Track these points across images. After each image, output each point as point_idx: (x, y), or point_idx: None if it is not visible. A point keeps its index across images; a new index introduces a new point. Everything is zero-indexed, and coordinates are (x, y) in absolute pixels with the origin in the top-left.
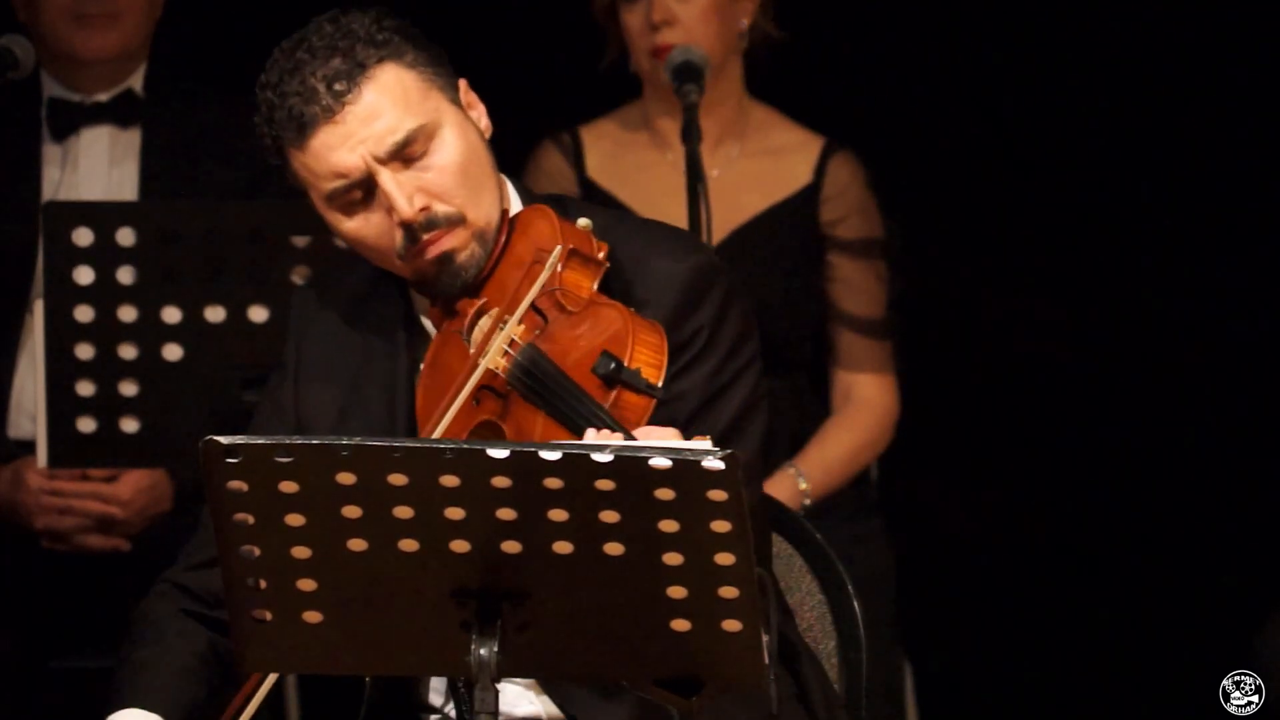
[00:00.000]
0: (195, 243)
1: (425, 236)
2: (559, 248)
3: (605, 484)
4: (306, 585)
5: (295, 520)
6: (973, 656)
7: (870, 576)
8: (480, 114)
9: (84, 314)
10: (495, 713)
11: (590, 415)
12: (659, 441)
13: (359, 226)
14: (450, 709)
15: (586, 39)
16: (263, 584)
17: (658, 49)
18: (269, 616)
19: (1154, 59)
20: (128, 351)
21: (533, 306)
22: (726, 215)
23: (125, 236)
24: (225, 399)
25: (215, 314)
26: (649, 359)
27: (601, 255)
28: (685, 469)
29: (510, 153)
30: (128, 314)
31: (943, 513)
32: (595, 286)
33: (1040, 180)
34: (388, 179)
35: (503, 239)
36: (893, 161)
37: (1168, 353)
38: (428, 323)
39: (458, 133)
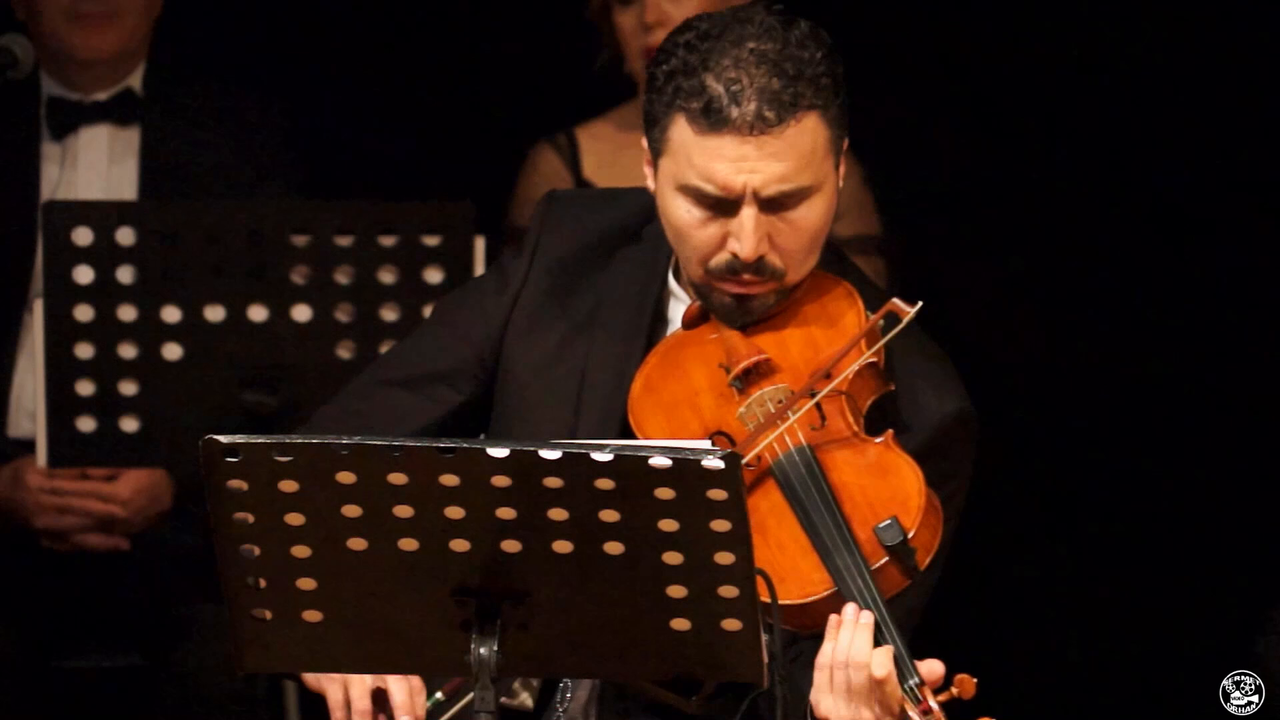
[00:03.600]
0: (195, 243)
1: (745, 276)
2: (865, 359)
3: (605, 483)
4: (306, 584)
5: (295, 519)
6: (973, 656)
7: None
8: (843, 172)
9: (84, 313)
10: (495, 712)
11: (851, 566)
12: (658, 442)
13: (692, 224)
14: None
15: (581, 40)
16: (262, 583)
17: (651, 50)
18: (269, 616)
19: (1154, 58)
20: (127, 351)
21: (813, 395)
22: None
23: (125, 236)
24: (225, 399)
25: (215, 314)
26: (926, 542)
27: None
28: (685, 468)
29: (506, 154)
30: (127, 314)
31: None
32: (873, 399)
33: (1038, 178)
34: (750, 217)
35: (795, 294)
36: (889, 158)
37: (1168, 352)
38: (677, 309)
39: (827, 202)
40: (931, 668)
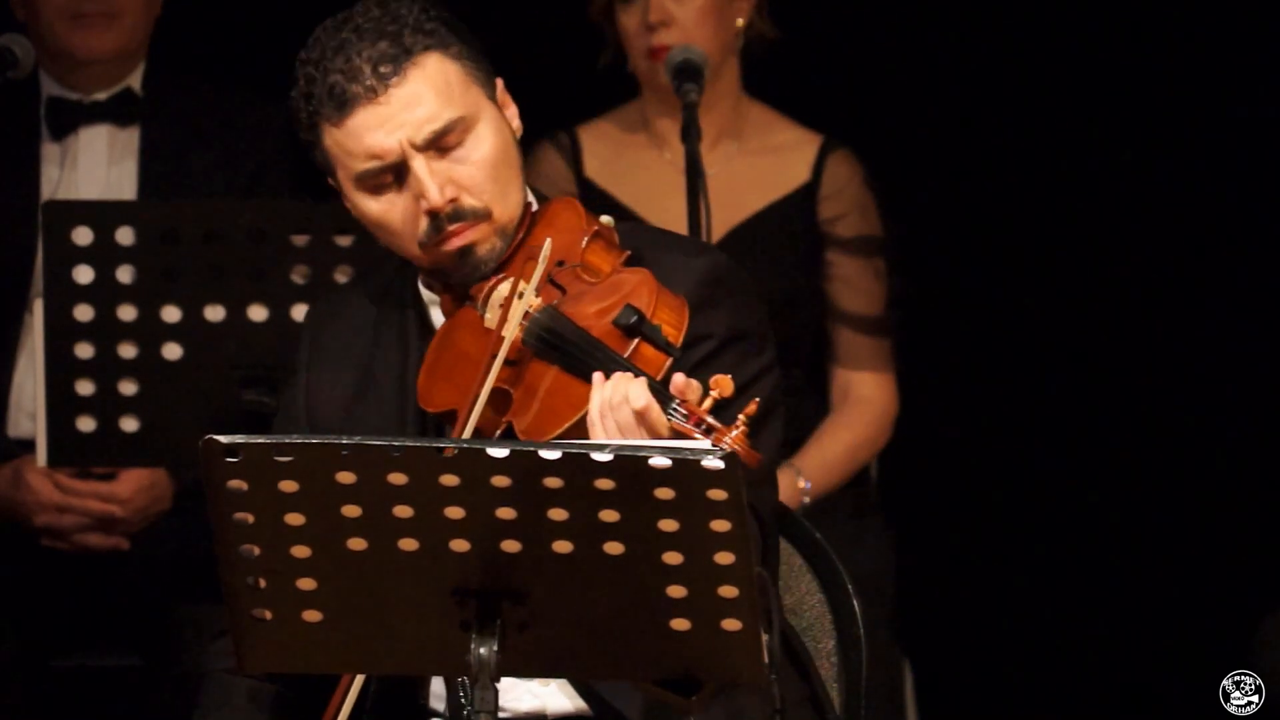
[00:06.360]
0: (195, 243)
1: (450, 227)
2: (565, 208)
3: (605, 483)
4: (306, 584)
5: (295, 519)
6: (973, 656)
7: (870, 576)
8: (513, 114)
9: (83, 313)
10: (495, 712)
11: (608, 362)
12: (658, 442)
13: (385, 210)
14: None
15: (584, 39)
16: (262, 583)
17: (654, 49)
18: (269, 616)
19: (1154, 58)
20: (127, 351)
21: (552, 281)
22: (724, 214)
23: (125, 236)
24: (225, 399)
25: (215, 313)
26: (670, 320)
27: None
28: (685, 468)
29: None
30: (127, 313)
31: (943, 513)
32: (613, 268)
33: (1039, 177)
34: (421, 166)
35: (521, 234)
36: (891, 159)
37: (1168, 352)
38: (437, 315)
39: (493, 129)
40: (684, 382)
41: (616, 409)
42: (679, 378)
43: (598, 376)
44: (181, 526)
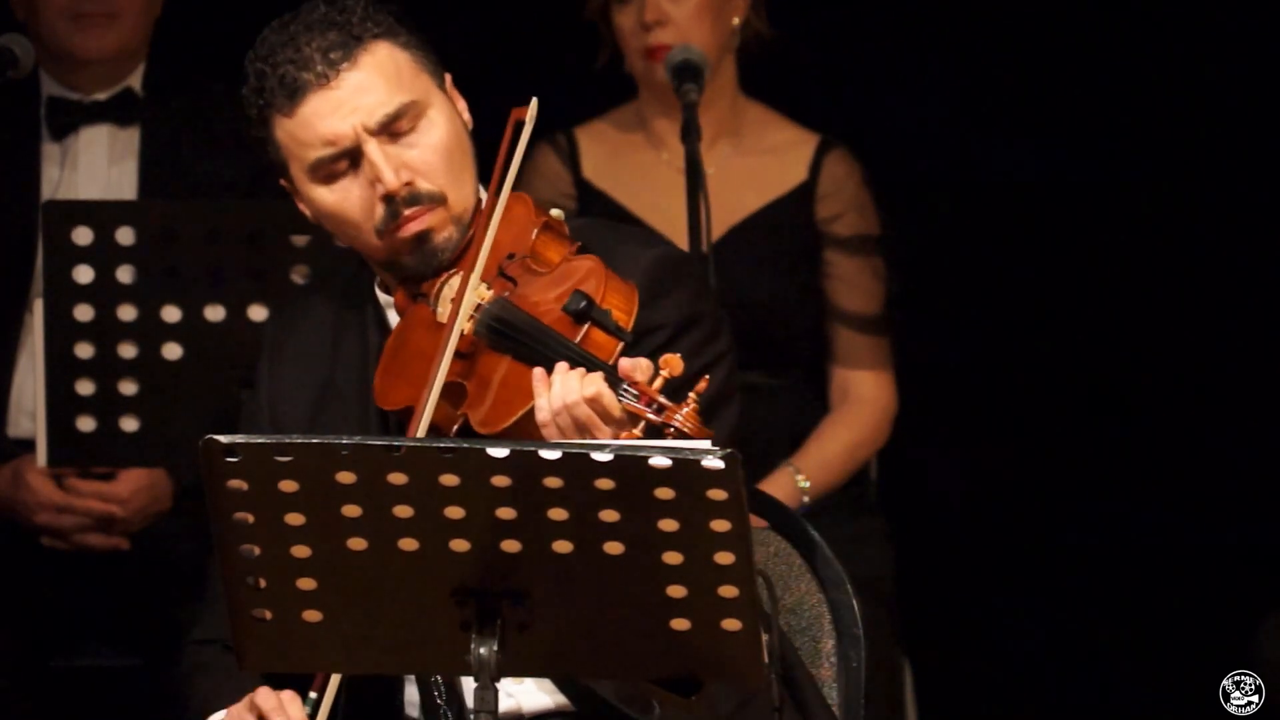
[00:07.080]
0: (195, 242)
1: (406, 212)
2: (514, 202)
3: (605, 483)
4: (306, 584)
5: (295, 519)
6: (973, 656)
7: (870, 576)
8: (463, 108)
9: (84, 313)
10: (495, 712)
11: (560, 349)
12: (659, 442)
13: (339, 200)
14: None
15: (582, 40)
16: (262, 583)
17: (651, 49)
18: (269, 615)
19: (1153, 57)
20: (127, 350)
21: (503, 273)
22: (723, 214)
23: (125, 235)
24: (225, 398)
25: (215, 313)
26: (620, 305)
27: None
28: (685, 468)
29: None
30: (127, 313)
31: (943, 513)
32: (563, 259)
33: (1038, 176)
34: (375, 150)
35: (474, 229)
36: (888, 157)
37: (1168, 351)
38: (394, 317)
39: (444, 116)
40: (631, 363)
41: (572, 407)
42: (626, 360)
43: (538, 375)
44: (181, 527)
